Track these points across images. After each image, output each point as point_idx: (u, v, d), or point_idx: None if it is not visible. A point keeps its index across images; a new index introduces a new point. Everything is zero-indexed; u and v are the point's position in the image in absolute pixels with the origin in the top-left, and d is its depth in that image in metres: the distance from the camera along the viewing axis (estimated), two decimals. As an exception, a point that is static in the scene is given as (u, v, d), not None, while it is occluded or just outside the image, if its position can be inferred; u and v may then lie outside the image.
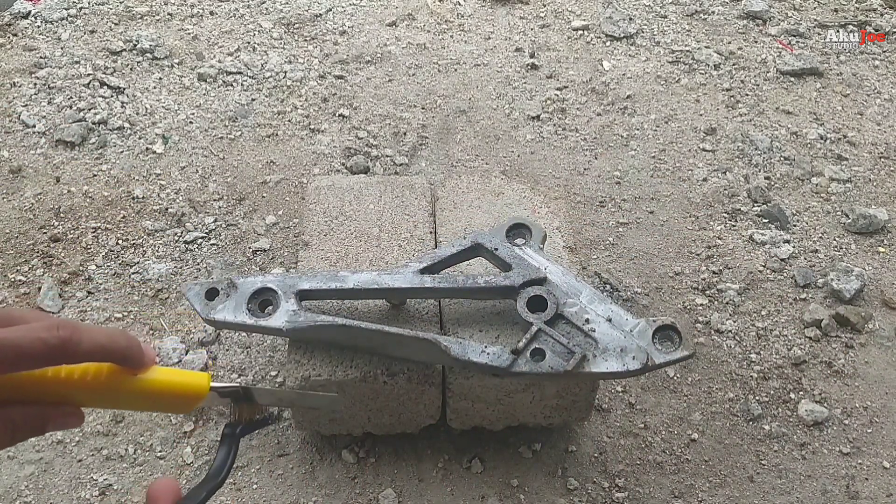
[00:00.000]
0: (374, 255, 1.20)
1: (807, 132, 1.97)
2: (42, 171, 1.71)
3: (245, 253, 1.56)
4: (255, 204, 1.68)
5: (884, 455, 1.28)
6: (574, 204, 1.73)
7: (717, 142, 1.93)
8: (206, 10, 2.27)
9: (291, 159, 1.80)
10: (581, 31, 2.29)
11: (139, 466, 1.21)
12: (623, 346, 0.96)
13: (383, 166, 1.79)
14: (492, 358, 0.96)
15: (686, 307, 1.51)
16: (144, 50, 2.06)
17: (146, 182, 1.70)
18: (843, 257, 1.63)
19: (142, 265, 1.51)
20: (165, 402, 0.52)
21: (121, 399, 0.50)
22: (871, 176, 1.85)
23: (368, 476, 1.20)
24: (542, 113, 1.98)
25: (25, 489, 1.17)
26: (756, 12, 2.40)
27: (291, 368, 1.06)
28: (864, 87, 2.15)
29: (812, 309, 1.49)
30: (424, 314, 1.11)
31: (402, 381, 1.07)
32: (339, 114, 1.93)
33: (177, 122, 1.86)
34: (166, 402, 0.52)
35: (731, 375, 1.39)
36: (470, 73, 2.11)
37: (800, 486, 1.23)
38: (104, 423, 1.25)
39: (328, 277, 1.06)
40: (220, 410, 1.27)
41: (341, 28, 2.24)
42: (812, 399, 1.35)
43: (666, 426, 1.30)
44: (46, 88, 1.90)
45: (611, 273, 1.56)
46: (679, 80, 2.12)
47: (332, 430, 1.18)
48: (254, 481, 1.19)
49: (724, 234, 1.68)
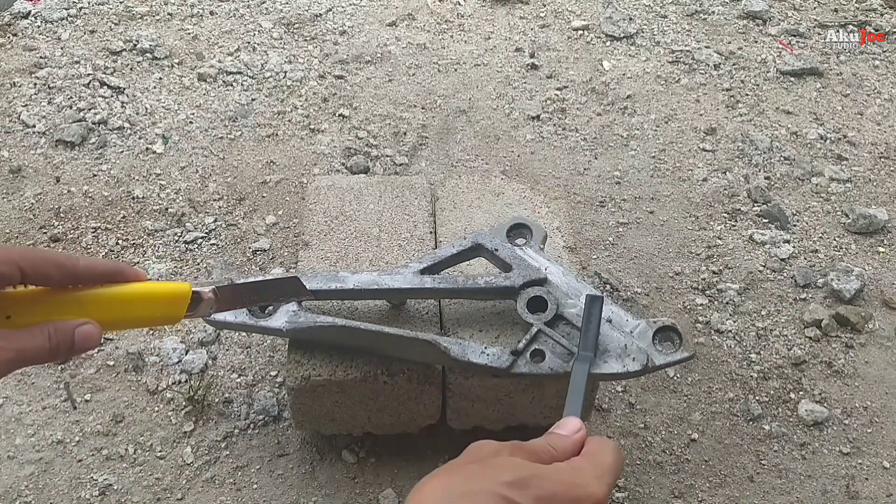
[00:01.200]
0: (374, 255, 1.20)
1: (807, 132, 1.97)
2: (42, 171, 1.71)
3: (245, 253, 1.56)
4: (255, 204, 1.68)
5: (884, 455, 1.28)
6: (574, 204, 1.73)
7: (717, 142, 1.93)
8: (206, 10, 2.27)
9: (291, 159, 1.80)
10: (581, 31, 2.29)
11: (139, 466, 1.21)
12: (623, 348, 0.96)
13: (383, 166, 1.79)
14: (491, 359, 0.96)
15: (686, 307, 1.51)
16: (144, 50, 2.06)
17: (146, 182, 1.70)
18: (843, 257, 1.63)
19: (142, 265, 1.52)
20: (157, 303, 0.61)
21: (120, 303, 0.59)
22: (871, 176, 1.85)
23: (368, 476, 1.20)
24: (542, 113, 1.98)
25: (25, 489, 1.17)
26: (756, 12, 2.40)
27: (291, 368, 1.06)
28: (864, 87, 2.15)
29: (812, 309, 1.49)
30: (424, 314, 1.11)
31: (402, 381, 1.07)
32: (339, 114, 1.93)
33: (177, 122, 1.86)
34: (158, 304, 0.61)
35: (731, 375, 1.39)
36: (470, 73, 2.11)
37: (800, 486, 1.23)
38: (104, 423, 1.26)
39: (328, 278, 1.06)
40: (220, 410, 1.28)
41: (341, 28, 2.24)
42: (812, 399, 1.35)
43: (666, 426, 1.30)
44: (46, 88, 1.90)
45: (611, 273, 1.56)
46: (679, 80, 2.12)
47: (332, 430, 1.18)
48: (254, 481, 1.19)
49: (724, 234, 1.68)
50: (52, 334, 0.54)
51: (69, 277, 0.57)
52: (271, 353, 1.36)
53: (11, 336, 0.53)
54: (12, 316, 0.54)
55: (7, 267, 0.53)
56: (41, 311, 0.56)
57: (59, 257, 0.56)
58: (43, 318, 0.55)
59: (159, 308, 0.62)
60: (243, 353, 1.36)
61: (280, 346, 1.36)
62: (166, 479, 1.19)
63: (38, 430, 1.24)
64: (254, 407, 1.28)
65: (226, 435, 1.25)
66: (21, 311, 0.55)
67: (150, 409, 1.28)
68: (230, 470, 1.21)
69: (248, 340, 1.38)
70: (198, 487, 1.19)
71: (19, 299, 0.55)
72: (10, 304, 0.55)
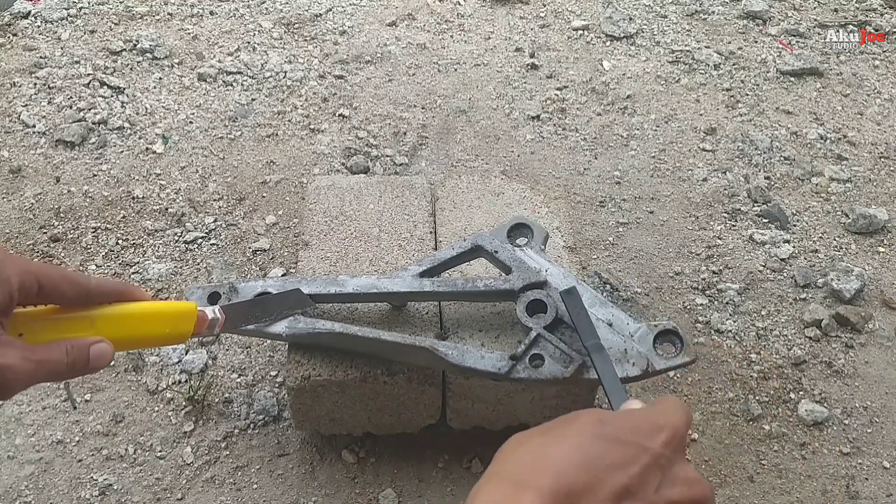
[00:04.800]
0: (373, 255, 1.20)
1: (807, 132, 1.97)
2: (42, 171, 1.71)
3: (245, 253, 1.56)
4: (255, 204, 1.68)
5: (884, 455, 1.28)
6: (574, 204, 1.73)
7: (717, 142, 1.93)
8: (206, 10, 2.27)
9: (291, 159, 1.80)
10: (581, 31, 2.29)
11: (139, 466, 1.21)
12: (623, 351, 0.95)
13: (383, 166, 1.79)
14: (490, 364, 0.96)
15: (686, 307, 1.51)
16: (144, 50, 2.06)
17: (146, 182, 1.70)
18: (843, 257, 1.63)
19: (142, 265, 1.52)
20: (164, 321, 0.63)
21: (129, 321, 0.61)
22: (871, 176, 1.85)
23: (368, 476, 1.20)
24: (542, 113, 1.98)
25: (25, 489, 1.17)
26: (756, 12, 2.40)
27: (291, 368, 1.06)
28: (864, 87, 2.15)
29: (812, 309, 1.49)
30: (424, 314, 1.11)
31: (402, 381, 1.07)
32: (339, 114, 1.93)
33: (177, 122, 1.86)
34: (165, 321, 0.63)
35: (731, 375, 1.39)
36: (470, 73, 2.11)
37: (800, 486, 1.23)
38: (104, 423, 1.26)
39: (327, 282, 1.06)
40: (220, 410, 1.28)
41: (341, 28, 2.23)
42: (812, 399, 1.35)
43: (666, 426, 1.30)
44: (46, 88, 1.90)
45: (611, 273, 1.56)
46: (679, 80, 2.12)
47: (332, 430, 1.18)
48: (254, 481, 1.19)
49: (724, 234, 1.68)
50: (69, 350, 0.55)
51: (82, 295, 0.57)
52: (271, 353, 1.36)
53: (31, 349, 0.53)
54: (25, 334, 0.55)
55: (28, 277, 0.53)
56: (52, 328, 0.56)
57: (74, 275, 0.57)
58: (54, 335, 0.55)
59: (167, 325, 0.63)
60: (243, 353, 1.36)
61: (280, 346, 1.36)
62: (166, 479, 1.19)
63: (38, 430, 1.24)
64: (254, 407, 1.28)
65: (226, 435, 1.25)
66: (33, 330, 0.55)
67: (150, 409, 1.28)
68: (230, 470, 1.21)
69: (248, 341, 1.38)
70: (198, 487, 1.19)
71: (31, 318, 0.56)
72: (23, 323, 0.55)
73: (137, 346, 0.63)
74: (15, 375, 0.51)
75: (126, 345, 0.61)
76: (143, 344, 0.63)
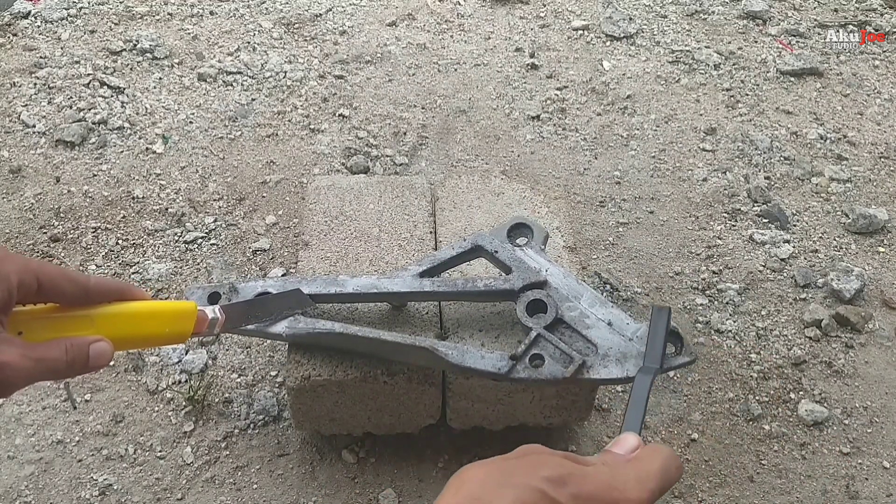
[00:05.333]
0: (373, 255, 1.20)
1: (807, 132, 1.97)
2: (42, 171, 1.71)
3: (245, 253, 1.56)
4: (255, 204, 1.68)
5: (884, 455, 1.28)
6: (574, 204, 1.73)
7: (717, 142, 1.93)
8: (206, 10, 2.27)
9: (291, 159, 1.80)
10: (581, 31, 2.29)
11: (139, 466, 1.21)
12: (623, 352, 0.95)
13: (383, 166, 1.79)
14: (490, 364, 0.96)
15: (686, 307, 1.51)
16: (144, 50, 2.06)
17: (146, 182, 1.70)
18: (843, 257, 1.63)
19: (142, 265, 1.52)
20: (163, 320, 0.63)
21: (129, 320, 0.61)
22: (871, 176, 1.85)
23: (368, 476, 1.20)
24: (542, 113, 1.98)
25: (25, 489, 1.17)
26: (756, 12, 2.40)
27: (291, 368, 1.06)
28: (864, 87, 2.15)
29: (812, 309, 1.49)
30: (425, 314, 1.11)
31: (402, 381, 1.07)
32: (339, 114, 1.93)
33: (177, 122, 1.86)
34: (164, 320, 0.63)
35: (731, 375, 1.39)
36: (470, 73, 2.11)
37: (800, 486, 1.23)
38: (104, 423, 1.26)
39: (327, 282, 1.06)
40: (220, 410, 1.28)
41: (341, 28, 2.23)
42: (812, 399, 1.35)
43: (666, 426, 1.30)
44: (46, 88, 1.90)
45: (611, 273, 1.56)
46: (679, 80, 2.12)
47: (332, 430, 1.18)
48: (254, 481, 1.19)
49: (724, 234, 1.68)
50: (69, 348, 0.54)
51: (81, 293, 0.57)
52: (271, 353, 1.36)
53: (31, 347, 0.53)
54: (24, 332, 0.55)
55: (27, 276, 0.53)
56: (52, 327, 0.56)
57: (73, 273, 0.57)
58: (54, 334, 0.55)
59: (166, 325, 0.63)
60: (243, 353, 1.36)
61: (280, 345, 1.36)
62: (166, 479, 1.19)
63: (38, 430, 1.24)
64: (254, 407, 1.28)
65: (226, 435, 1.25)
66: (33, 328, 0.55)
67: (150, 409, 1.28)
68: (230, 470, 1.21)
69: (248, 340, 1.38)
70: (198, 487, 1.19)
71: (30, 316, 0.56)
72: (22, 321, 0.55)
73: (137, 345, 0.63)
74: (14, 373, 0.51)
75: (126, 344, 0.61)
76: (142, 343, 0.63)
